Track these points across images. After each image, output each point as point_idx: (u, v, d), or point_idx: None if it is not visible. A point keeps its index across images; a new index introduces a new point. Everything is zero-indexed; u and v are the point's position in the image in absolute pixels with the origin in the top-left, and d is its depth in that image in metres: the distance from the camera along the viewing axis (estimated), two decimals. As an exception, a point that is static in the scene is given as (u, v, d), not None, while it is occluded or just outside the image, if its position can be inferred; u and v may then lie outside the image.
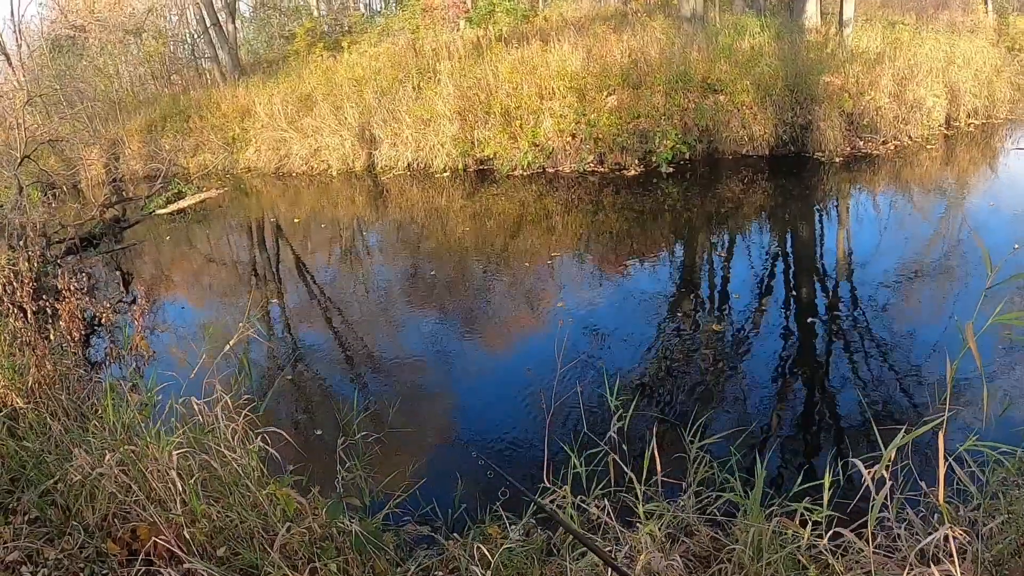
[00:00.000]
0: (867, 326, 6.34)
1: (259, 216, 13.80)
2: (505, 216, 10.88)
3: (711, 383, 5.46)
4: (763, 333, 6.34)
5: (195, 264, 11.59)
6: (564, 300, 7.55)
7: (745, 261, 8.61)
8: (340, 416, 5.42)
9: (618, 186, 11.33)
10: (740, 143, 12.25)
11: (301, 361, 6.74)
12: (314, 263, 10.50)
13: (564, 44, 13.62)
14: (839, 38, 15.00)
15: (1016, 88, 18.07)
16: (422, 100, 13.82)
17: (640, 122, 11.76)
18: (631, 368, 5.76)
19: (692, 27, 14.22)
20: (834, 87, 12.91)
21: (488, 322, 7.34)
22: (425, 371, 6.24)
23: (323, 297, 8.77)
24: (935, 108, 14.40)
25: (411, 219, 11.75)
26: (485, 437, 4.97)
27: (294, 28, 23.50)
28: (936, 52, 15.92)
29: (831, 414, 4.99)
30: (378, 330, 7.34)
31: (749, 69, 12.61)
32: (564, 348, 5.46)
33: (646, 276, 8.11)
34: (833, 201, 10.97)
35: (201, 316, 8.73)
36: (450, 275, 8.81)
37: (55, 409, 4.58)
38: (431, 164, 13.17)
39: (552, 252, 9.31)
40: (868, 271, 7.77)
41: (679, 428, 3.70)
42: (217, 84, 22.39)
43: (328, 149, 15.14)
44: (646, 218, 10.22)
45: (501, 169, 12.32)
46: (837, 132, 12.55)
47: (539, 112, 12.21)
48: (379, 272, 9.64)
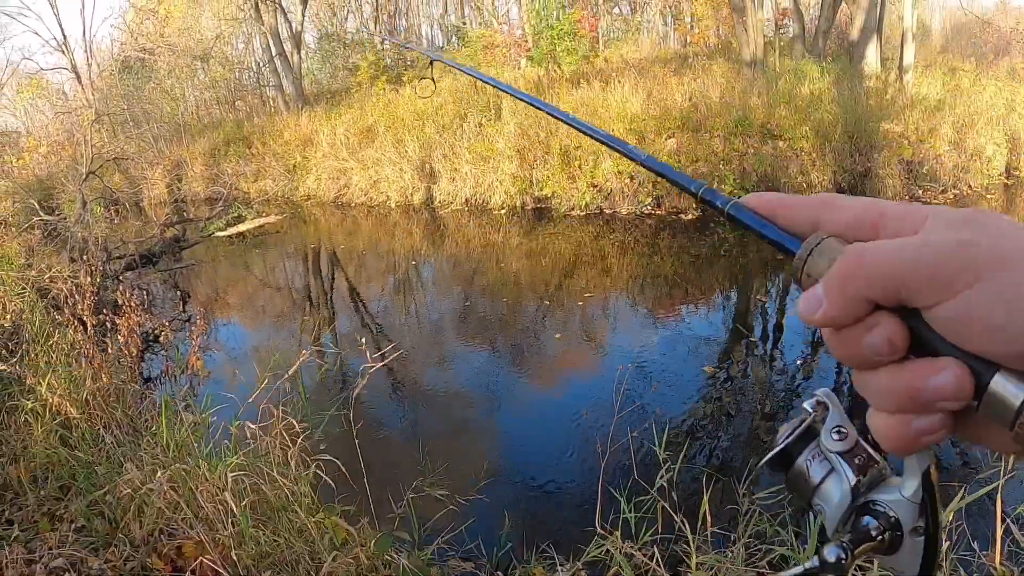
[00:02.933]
0: None
1: (316, 244, 14.11)
2: (561, 255, 11.00)
3: (763, 432, 5.45)
4: (815, 382, 6.31)
5: (251, 287, 11.88)
6: (618, 342, 7.62)
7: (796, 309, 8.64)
8: (392, 448, 5.58)
9: (675, 230, 11.41)
10: (799, 189, 12.26)
11: (350, 392, 6.88)
12: (369, 293, 10.69)
13: (624, 85, 13.81)
14: (899, 84, 14.97)
15: (1080, 137, 17.77)
16: (483, 137, 14.09)
17: (698, 166, 11.85)
18: (682, 414, 5.77)
19: (752, 72, 14.32)
20: (893, 134, 12.88)
21: (541, 361, 7.39)
22: (477, 407, 6.30)
23: (376, 327, 8.90)
24: (995, 157, 14.26)
25: (467, 254, 11.94)
26: (536, 477, 4.98)
27: (357, 60, 24.05)
28: (997, 99, 15.77)
29: None
30: (431, 363, 7.43)
31: (809, 115, 12.64)
32: (620, 392, 5.64)
33: (700, 321, 8.13)
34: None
35: (256, 339, 8.92)
36: (504, 312, 8.91)
37: (108, 421, 4.70)
38: (489, 201, 13.41)
39: (606, 293, 9.42)
40: None
41: (732, 479, 3.69)
42: (280, 112, 23.00)
43: (387, 181, 15.47)
44: (702, 262, 10.26)
45: (558, 208, 12.49)
46: (896, 180, 12.50)
47: (598, 153, 12.38)
48: (433, 305, 9.82)
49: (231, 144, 21.03)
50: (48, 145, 26.10)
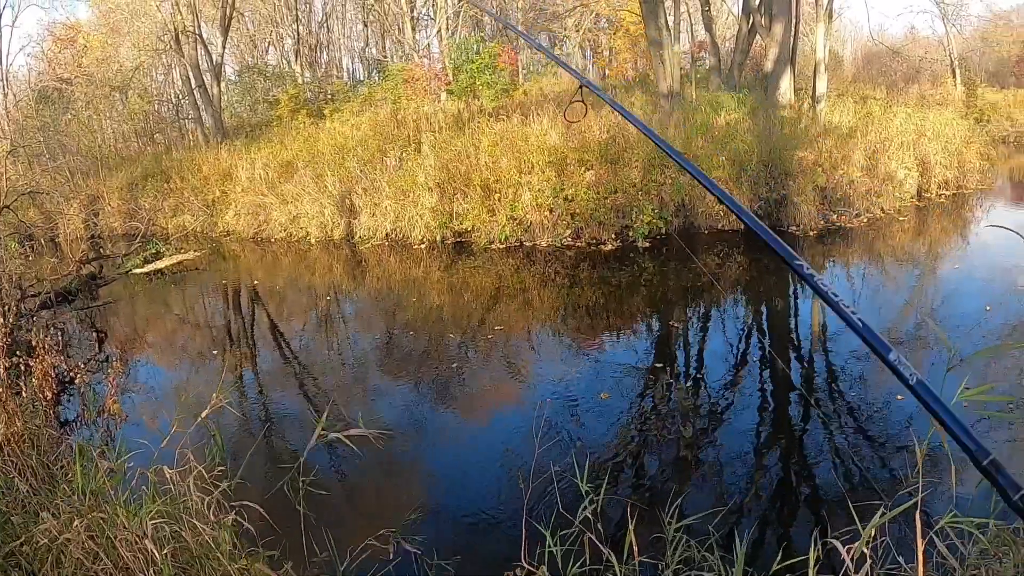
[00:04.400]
0: (843, 398, 6.40)
1: (236, 280, 13.75)
2: (482, 289, 10.89)
3: (688, 459, 5.46)
4: (738, 407, 6.36)
5: (170, 326, 11.49)
6: (539, 374, 7.54)
7: (720, 335, 8.66)
8: (317, 488, 5.45)
9: (595, 260, 11.40)
10: (715, 218, 12.41)
11: (274, 430, 6.66)
12: (290, 330, 10.43)
13: (544, 118, 13.82)
14: (812, 113, 15.36)
15: (985, 158, 18.50)
16: (403, 171, 13.94)
17: (617, 197, 11.90)
18: (607, 444, 5.73)
19: (669, 103, 14.50)
20: (807, 162, 13.16)
21: (463, 395, 7.30)
22: (401, 444, 6.16)
23: (297, 364, 8.70)
24: (906, 180, 14.72)
25: (388, 289, 11.75)
26: (462, 514, 4.92)
27: (278, 94, 23.75)
28: (907, 125, 16.32)
29: (810, 488, 5.00)
30: (353, 400, 7.26)
31: (725, 145, 12.84)
32: (542, 422, 5.38)
33: (622, 350, 8.11)
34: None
35: (175, 379, 8.60)
36: (425, 346, 8.76)
37: (23, 468, 4.48)
38: (409, 235, 13.24)
39: (528, 326, 9.33)
40: (842, 343, 7.85)
41: (657, 507, 3.67)
42: (200, 145, 22.54)
43: (307, 216, 15.19)
44: (623, 292, 10.24)
45: (479, 242, 12.39)
46: (811, 206, 12.75)
47: (518, 186, 12.33)
48: (354, 341, 9.59)
49: (149, 178, 20.48)
50: (-41, 179, 25.11)
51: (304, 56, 28.70)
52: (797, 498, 4.91)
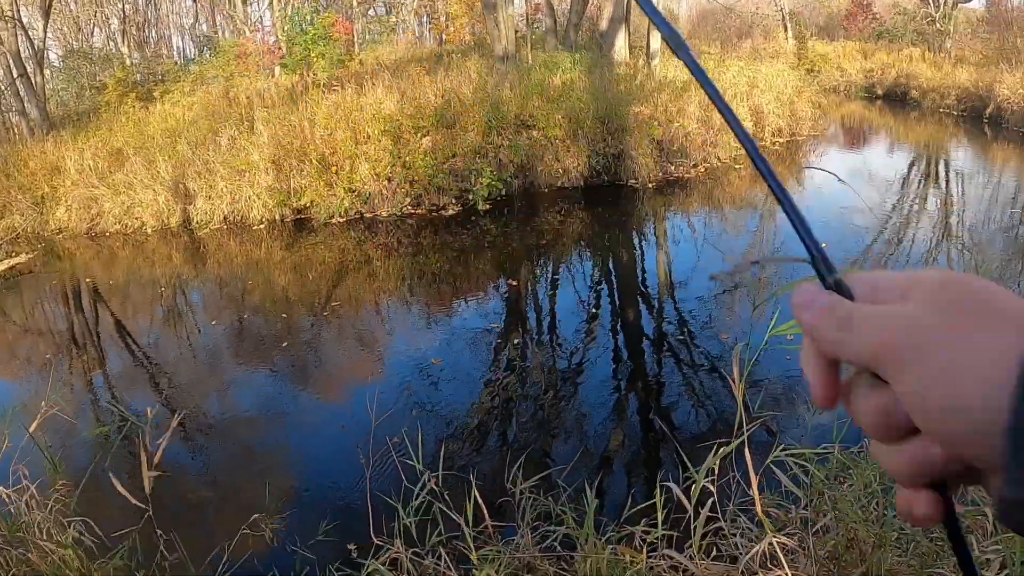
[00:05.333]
0: (690, 342, 6.58)
1: (74, 281, 12.95)
2: (326, 265, 10.66)
3: (541, 415, 5.50)
4: (590, 359, 6.46)
5: (10, 336, 10.76)
6: (389, 346, 7.51)
7: (569, 290, 8.80)
8: (172, 486, 5.16)
9: (437, 227, 11.33)
10: (555, 176, 12.52)
11: (124, 432, 6.24)
12: (135, 327, 9.95)
13: (378, 88, 13.56)
14: (647, 70, 15.68)
15: (816, 107, 19.46)
16: (236, 150, 13.41)
17: (455, 161, 11.81)
18: (460, 409, 5.74)
19: (505, 66, 14.49)
20: (643, 116, 13.44)
21: (314, 375, 7.17)
22: (257, 434, 6.04)
23: (147, 361, 8.30)
24: (741, 130, 15.25)
25: (231, 274, 11.33)
26: (312, 497, 4.85)
27: (105, 78, 22.40)
28: (740, 78, 16.93)
29: (661, 435, 5.07)
30: (210, 393, 7.07)
31: (561, 104, 12.93)
32: (389, 394, 5.62)
33: (472, 313, 8.13)
34: (649, 225, 11.40)
35: (13, 392, 8.06)
36: (275, 329, 8.53)
37: None
38: (248, 216, 12.77)
39: (375, 298, 9.24)
40: (688, 289, 8.12)
41: (509, 468, 3.62)
42: (25, 139, 21.04)
43: (142, 205, 14.41)
44: (467, 256, 10.26)
45: (319, 217, 12.08)
46: (649, 159, 13.04)
47: (354, 157, 12.06)
48: (202, 331, 9.24)
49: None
50: None
51: (132, 36, 27.13)
52: (652, 444, 4.99)
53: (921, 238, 10.14)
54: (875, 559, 2.54)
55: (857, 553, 2.65)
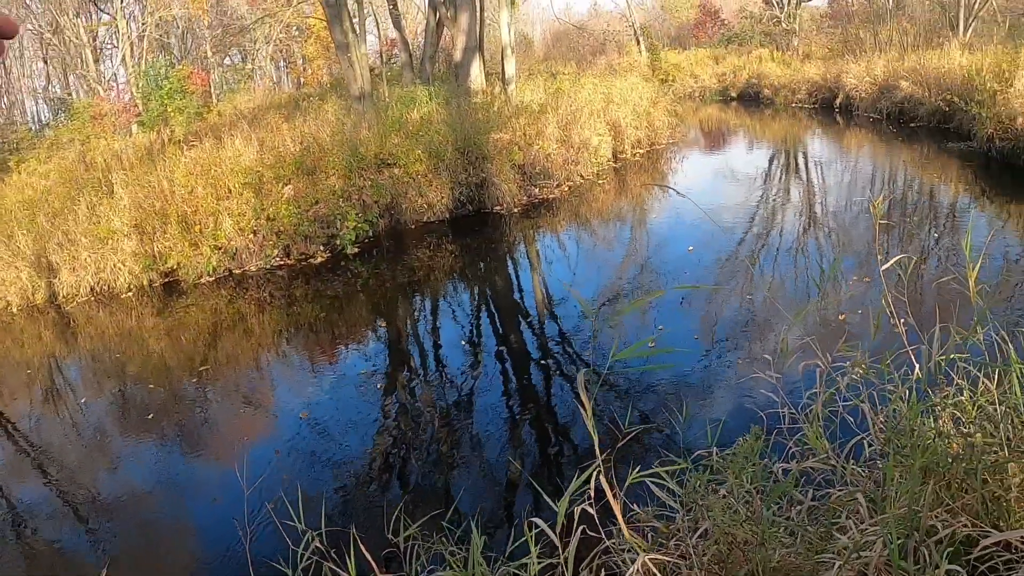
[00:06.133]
0: (576, 355, 6.84)
1: (-67, 371, 12.36)
2: (199, 327, 10.48)
3: (428, 455, 5.58)
4: (483, 386, 6.61)
5: None
6: (275, 400, 7.52)
7: (451, 321, 8.96)
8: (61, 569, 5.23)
9: (307, 276, 11.31)
10: (421, 212, 12.71)
11: (17, 526, 6.14)
12: (12, 412, 9.46)
13: (237, 139, 13.48)
14: (504, 96, 16.10)
15: (674, 115, 20.32)
16: (96, 217, 13.08)
17: (319, 208, 11.84)
18: (350, 458, 5.76)
19: (362, 105, 14.65)
20: (503, 142, 13.80)
21: (211, 439, 7.09)
22: (152, 509, 5.95)
23: (31, 448, 7.97)
24: (601, 146, 15.83)
25: (104, 347, 11.00)
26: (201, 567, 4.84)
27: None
28: (595, 94, 17.55)
29: (546, 458, 5.21)
30: (99, 473, 6.89)
31: (420, 139, 13.13)
32: (273, 452, 5.67)
33: (352, 359, 8.15)
34: (519, 249, 11.69)
35: None
36: (163, 399, 8.35)
37: None
38: (115, 285, 12.45)
39: (252, 355, 9.19)
40: (566, 308, 8.35)
41: (390, 516, 3.57)
42: None
43: (4, 284, 13.85)
44: (341, 302, 10.27)
45: (188, 279, 11.88)
46: (512, 184, 13.38)
47: (217, 213, 11.93)
48: (88, 410, 8.91)
49: None
50: None
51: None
52: (539, 470, 5.09)
53: (789, 228, 10.77)
54: (759, 557, 2.62)
55: (740, 554, 2.72)
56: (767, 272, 8.77)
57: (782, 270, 8.88)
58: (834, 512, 2.85)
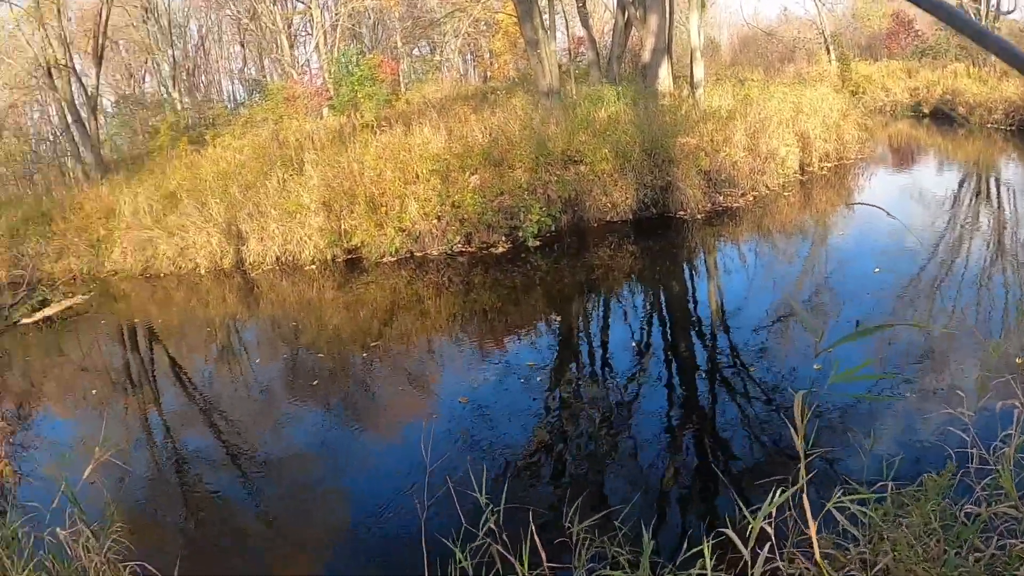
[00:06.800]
0: (745, 376, 6.43)
1: (129, 320, 13.23)
2: (378, 305, 10.73)
3: (596, 453, 5.43)
4: (644, 395, 6.39)
5: (64, 376, 10.97)
6: (444, 384, 7.52)
7: (623, 323, 8.73)
8: (225, 525, 5.36)
9: (487, 264, 11.37)
10: (604, 210, 12.49)
11: (186, 471, 6.46)
12: (190, 366, 10.10)
13: (425, 127, 13.71)
14: (692, 100, 15.62)
15: (863, 129, 19.19)
16: (287, 192, 13.63)
17: (504, 199, 11.86)
18: (515, 446, 5.70)
19: (550, 101, 14.56)
20: (690, 147, 13.37)
21: (370, 415, 7.20)
22: (309, 471, 6.07)
23: (204, 401, 8.44)
24: (788, 157, 15.10)
25: (285, 314, 11.47)
26: (367, 539, 4.83)
27: (157, 122, 23.00)
28: (784, 104, 16.77)
29: (717, 470, 4.98)
30: (263, 432, 7.12)
31: (607, 138, 12.92)
32: (444, 432, 5.56)
33: (524, 350, 8.07)
34: (699, 256, 11.30)
35: (74, 432, 8.23)
36: (329, 368, 8.60)
37: None
38: (300, 257, 12.94)
39: (427, 336, 9.26)
40: (740, 320, 8.00)
41: (564, 508, 3.60)
42: (80, 183, 21.63)
43: (195, 247, 14.69)
44: (518, 293, 10.25)
45: (370, 257, 12.20)
46: (696, 190, 12.94)
47: (404, 197, 12.18)
48: (257, 371, 9.32)
49: (30, 222, 19.51)
50: None
51: (182, 82, 27.92)
52: (707, 480, 4.89)
53: (975, 258, 9.93)
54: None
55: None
56: (954, 301, 8.05)
57: (970, 300, 8.12)
58: (1016, 565, 2.67)
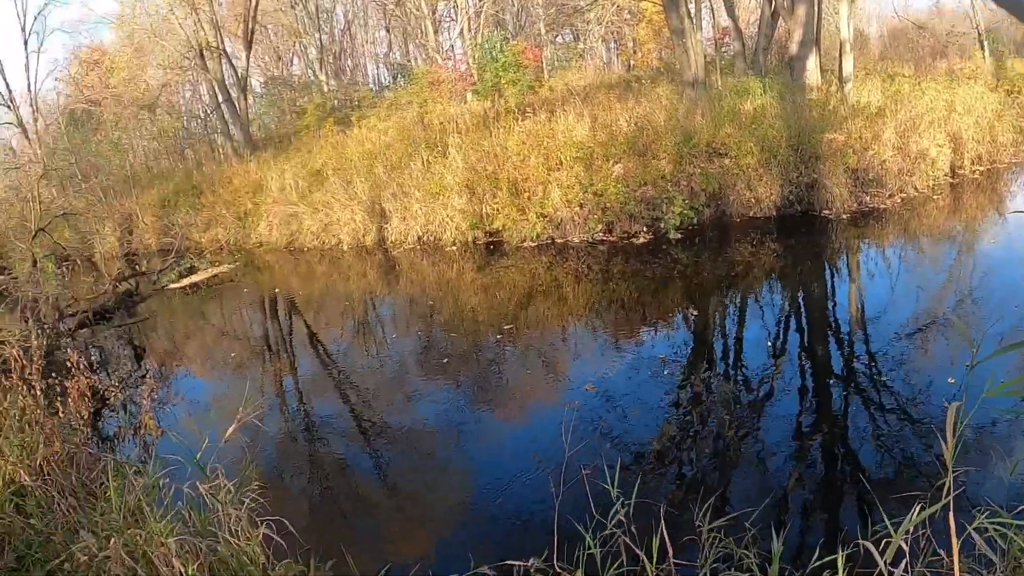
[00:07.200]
0: (881, 385, 6.24)
1: (272, 291, 13.90)
2: (516, 288, 10.91)
3: (725, 453, 5.39)
4: (776, 397, 6.28)
5: (208, 339, 11.65)
6: (575, 371, 7.53)
7: (759, 323, 8.56)
8: (353, 494, 5.54)
9: (627, 254, 11.38)
10: (747, 206, 12.30)
11: (316, 437, 6.77)
12: (327, 337, 10.54)
13: (569, 114, 13.81)
14: (840, 94, 15.14)
15: (1018, 131, 18.11)
16: (431, 174, 14.01)
17: (647, 189, 11.85)
18: (642, 441, 5.69)
19: (695, 92, 14.41)
20: (837, 144, 12.99)
21: (500, 395, 7.32)
22: (439, 445, 6.23)
23: (337, 371, 8.80)
24: (939, 158, 14.46)
25: (423, 293, 11.81)
26: (494, 516, 4.90)
27: (304, 103, 23.96)
28: (937, 102, 16.03)
29: (850, 478, 4.88)
30: (393, 405, 7.34)
31: (753, 131, 12.69)
32: (576, 420, 5.37)
33: (661, 344, 8.02)
34: (842, 258, 10.95)
35: (211, 392, 8.77)
36: (462, 348, 8.81)
37: (63, 487, 4.58)
38: (441, 238, 13.31)
39: (563, 323, 9.34)
40: (880, 327, 7.70)
41: (692, 505, 3.65)
42: (229, 159, 22.80)
43: (339, 224, 15.31)
44: (657, 285, 10.19)
45: (511, 241, 12.42)
46: (843, 189, 12.58)
47: (546, 183, 12.34)
48: (392, 346, 9.64)
49: (181, 194, 20.78)
50: (-5, 202, 25.67)
51: (328, 65, 28.98)
52: (837, 489, 4.80)
53: None
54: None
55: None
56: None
57: None
58: None
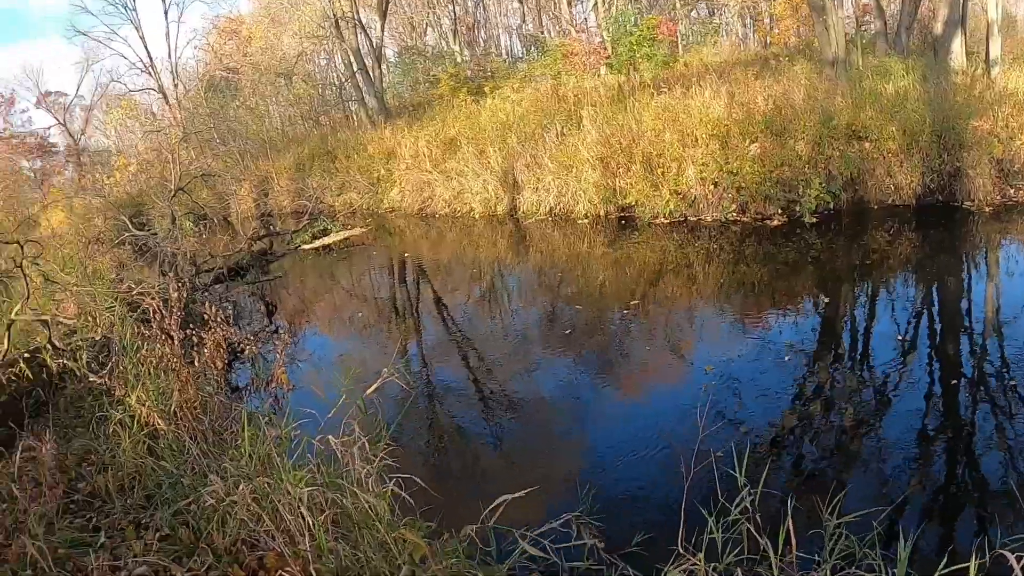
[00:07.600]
0: (1012, 391, 6.03)
1: (401, 255, 14.44)
2: (645, 264, 11.01)
3: (852, 448, 5.29)
4: (905, 394, 6.11)
5: (337, 299, 12.26)
6: (703, 353, 7.55)
7: (889, 316, 8.29)
8: (478, 459, 5.80)
9: (761, 236, 11.33)
10: (886, 193, 12.03)
11: (438, 401, 7.08)
12: (454, 303, 10.90)
13: (706, 90, 13.80)
14: (986, 79, 14.57)
15: None
16: (564, 146, 14.27)
17: (783, 171, 11.76)
18: (769, 428, 5.66)
19: (834, 71, 14.17)
20: (983, 131, 12.53)
21: (626, 371, 7.42)
22: (561, 417, 6.37)
23: (462, 337, 9.08)
24: (1095, 152, 13.75)
25: (552, 264, 12.08)
26: (619, 492, 4.93)
27: (438, 73, 24.56)
28: (1093, 89, 15.20)
29: (979, 484, 4.73)
30: (515, 374, 7.51)
31: (895, 114, 12.36)
32: (705, 403, 5.22)
33: (788, 330, 7.91)
34: (982, 254, 10.49)
35: (341, 351, 9.16)
36: (588, 321, 8.93)
37: (194, 433, 4.85)
38: (573, 210, 13.57)
39: (692, 302, 9.40)
40: (1017, 330, 7.38)
41: (817, 499, 3.64)
42: (363, 126, 23.63)
43: (471, 192, 15.78)
44: (788, 270, 10.07)
45: (643, 217, 12.55)
46: (987, 179, 12.10)
47: (681, 160, 12.41)
48: (516, 315, 9.91)
49: (315, 159, 21.70)
50: (138, 163, 27.44)
51: (462, 35, 29.57)
52: (965, 494, 4.67)
53: None
54: None
55: None
56: None
57: None
58: None
